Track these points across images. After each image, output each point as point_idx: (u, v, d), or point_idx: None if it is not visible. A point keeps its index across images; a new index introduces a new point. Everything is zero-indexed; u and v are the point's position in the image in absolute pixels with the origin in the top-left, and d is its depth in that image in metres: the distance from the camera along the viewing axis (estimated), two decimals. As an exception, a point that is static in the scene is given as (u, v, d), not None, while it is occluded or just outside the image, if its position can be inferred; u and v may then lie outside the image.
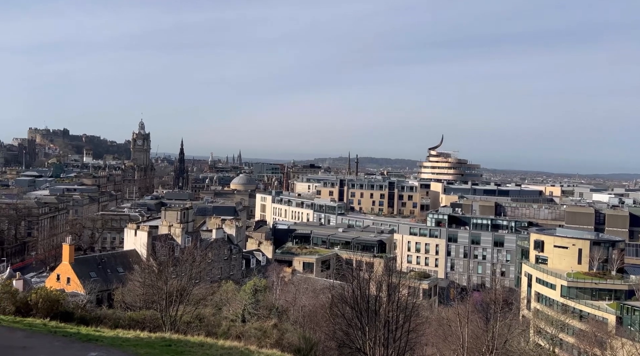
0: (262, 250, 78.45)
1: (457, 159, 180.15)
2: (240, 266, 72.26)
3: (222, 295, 47.39)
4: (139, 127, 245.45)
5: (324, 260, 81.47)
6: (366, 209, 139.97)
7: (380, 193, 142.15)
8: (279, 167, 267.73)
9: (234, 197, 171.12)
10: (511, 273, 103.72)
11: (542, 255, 76.68)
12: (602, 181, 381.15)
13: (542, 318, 64.68)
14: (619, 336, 52.37)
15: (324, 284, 59.88)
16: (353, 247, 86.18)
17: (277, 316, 43.08)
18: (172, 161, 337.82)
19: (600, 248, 71.63)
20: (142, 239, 60.21)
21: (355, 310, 24.15)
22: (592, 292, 67.13)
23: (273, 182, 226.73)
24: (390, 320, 24.18)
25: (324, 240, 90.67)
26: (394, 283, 26.93)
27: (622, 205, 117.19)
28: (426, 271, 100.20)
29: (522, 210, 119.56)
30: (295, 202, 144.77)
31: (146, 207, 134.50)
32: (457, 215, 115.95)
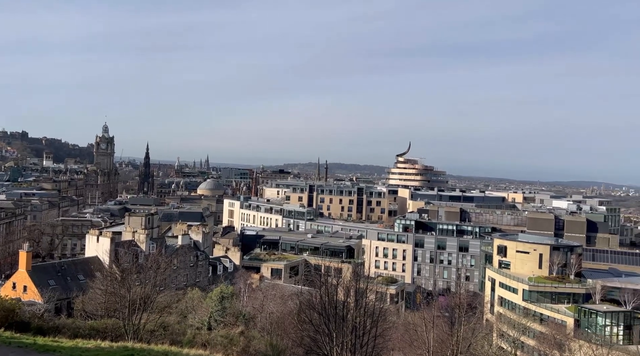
0: (230, 257, 77.46)
1: (424, 166, 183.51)
2: (207, 273, 71.10)
3: (188, 303, 46.48)
4: (102, 130, 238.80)
5: (293, 266, 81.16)
6: (335, 215, 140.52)
7: (349, 199, 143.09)
8: (248, 172, 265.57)
9: (201, 202, 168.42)
10: (475, 278, 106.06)
11: (505, 260, 78.79)
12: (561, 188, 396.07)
13: (504, 321, 66.42)
14: (577, 338, 54.36)
15: (293, 290, 59.64)
16: (322, 253, 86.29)
17: (244, 323, 42.61)
18: (137, 165, 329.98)
19: (559, 253, 74.20)
20: (105, 245, 58.45)
21: (323, 316, 24.15)
22: (552, 296, 69.37)
23: (241, 187, 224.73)
24: (357, 326, 24.29)
25: (293, 246, 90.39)
26: (361, 288, 27.08)
27: (580, 212, 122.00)
28: (394, 276, 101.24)
29: (486, 216, 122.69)
30: (264, 208, 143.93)
31: (109, 213, 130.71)
32: (424, 220, 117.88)
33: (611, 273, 78.43)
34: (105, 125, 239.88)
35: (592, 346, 47.43)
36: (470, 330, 29.44)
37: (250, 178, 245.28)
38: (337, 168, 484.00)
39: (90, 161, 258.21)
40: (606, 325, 59.76)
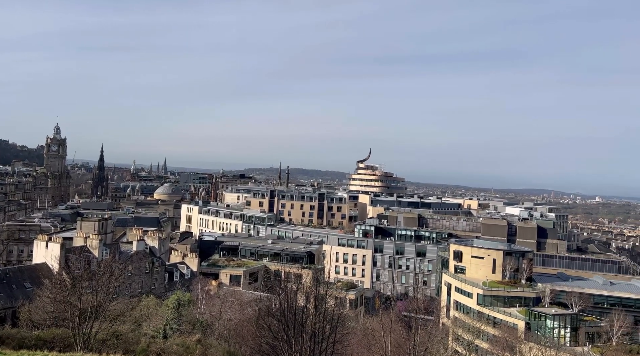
0: (187, 263, 75.69)
1: (383, 172, 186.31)
2: (163, 279, 69.19)
3: (143, 310, 45.11)
4: (54, 131, 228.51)
5: (252, 272, 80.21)
6: (296, 220, 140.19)
7: (310, 204, 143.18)
8: (207, 177, 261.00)
9: (157, 207, 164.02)
10: (433, 283, 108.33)
11: (461, 265, 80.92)
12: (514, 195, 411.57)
13: (460, 325, 68.11)
14: (527, 340, 56.45)
15: (252, 297, 58.97)
16: (282, 259, 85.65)
17: (201, 331, 41.74)
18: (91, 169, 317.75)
19: (512, 258, 76.95)
20: (54, 251, 55.82)
21: (282, 322, 23.97)
22: (504, 300, 71.76)
23: (200, 192, 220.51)
24: (316, 332, 24.25)
25: (253, 252, 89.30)
26: (321, 294, 27.09)
27: (531, 218, 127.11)
28: (353, 281, 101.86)
29: (443, 222, 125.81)
30: (224, 213, 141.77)
31: (60, 217, 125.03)
32: (383, 226, 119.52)
33: (559, 277, 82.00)
34: (57, 126, 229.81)
35: (541, 348, 49.37)
36: (426, 334, 30.05)
37: (210, 182, 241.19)
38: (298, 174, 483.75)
39: (40, 163, 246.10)
40: (554, 327, 62.38)
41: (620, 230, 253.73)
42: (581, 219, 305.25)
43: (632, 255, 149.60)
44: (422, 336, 28.97)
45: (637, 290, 75.40)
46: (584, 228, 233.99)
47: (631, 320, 63.54)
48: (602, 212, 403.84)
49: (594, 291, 73.56)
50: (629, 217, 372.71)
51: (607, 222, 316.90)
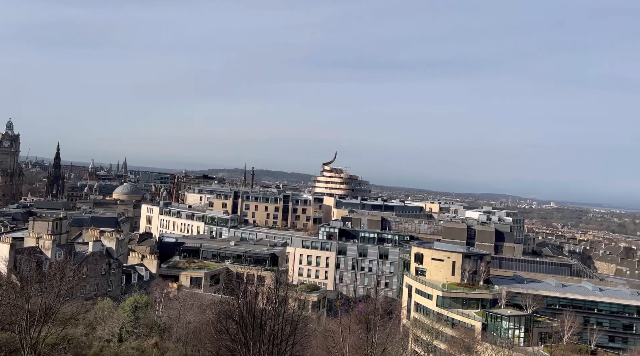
0: (146, 265, 73.82)
1: (348, 175, 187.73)
2: (120, 282, 67.16)
3: (97, 313, 43.67)
4: (6, 127, 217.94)
5: (214, 274, 79.07)
6: (260, 222, 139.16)
7: (275, 206, 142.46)
8: (169, 177, 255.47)
9: (116, 207, 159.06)
10: (394, 284, 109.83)
11: (422, 267, 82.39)
12: (474, 200, 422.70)
13: (419, 326, 69.26)
14: (484, 341, 58.00)
15: (212, 299, 58.04)
16: (245, 261, 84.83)
17: (158, 334, 40.79)
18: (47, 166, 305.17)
19: (470, 261, 78.96)
20: (3, 252, 53.15)
21: (240, 325, 23.66)
22: (462, 301, 73.52)
23: (162, 192, 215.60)
24: (275, 334, 24.07)
25: (215, 254, 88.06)
26: (281, 296, 26.92)
27: (490, 222, 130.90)
28: (316, 283, 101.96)
29: (405, 224, 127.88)
30: (186, 214, 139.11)
31: (11, 217, 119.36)
32: (347, 228, 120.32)
33: (515, 279, 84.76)
34: (10, 121, 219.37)
35: (496, 348, 50.84)
36: (385, 335, 30.36)
37: (172, 183, 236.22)
38: (263, 175, 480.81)
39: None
40: (509, 328, 64.37)
41: (573, 234, 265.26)
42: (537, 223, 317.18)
43: (583, 258, 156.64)
44: (381, 338, 29.27)
45: (587, 292, 78.88)
46: (539, 232, 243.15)
47: (581, 321, 66.33)
48: (556, 216, 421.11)
49: (547, 293, 76.44)
50: (580, 222, 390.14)
51: (561, 227, 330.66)
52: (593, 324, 70.64)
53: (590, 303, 75.88)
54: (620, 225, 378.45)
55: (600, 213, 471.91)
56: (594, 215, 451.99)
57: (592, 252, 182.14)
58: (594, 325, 70.32)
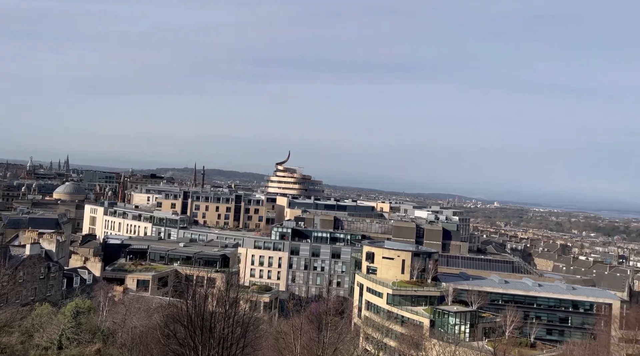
0: (89, 268, 70.57)
1: (302, 175, 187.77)
2: (61, 286, 63.76)
3: (35, 320, 41.22)
4: None
5: (162, 276, 76.76)
6: (211, 223, 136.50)
7: (226, 206, 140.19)
8: (115, 176, 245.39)
9: (57, 207, 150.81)
10: (346, 283, 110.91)
11: (373, 266, 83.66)
12: (423, 199, 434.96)
13: (370, 324, 70.27)
14: (432, 337, 59.64)
15: (160, 302, 56.30)
16: (194, 262, 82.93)
17: (102, 340, 39.22)
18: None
19: (419, 259, 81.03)
20: None
21: (189, 328, 22.99)
22: (412, 299, 75.33)
23: (107, 192, 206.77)
24: (226, 337, 23.56)
25: (163, 256, 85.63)
26: (231, 298, 26.41)
27: (437, 221, 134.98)
28: (269, 284, 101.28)
29: (357, 224, 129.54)
30: (132, 215, 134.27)
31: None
32: (300, 228, 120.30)
33: (461, 277, 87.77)
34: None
35: (443, 344, 52.40)
36: (337, 335, 30.50)
37: (118, 182, 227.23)
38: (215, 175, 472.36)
39: None
40: (456, 324, 66.59)
41: (514, 233, 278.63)
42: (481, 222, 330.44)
43: (524, 255, 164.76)
44: (333, 337, 29.36)
45: (527, 288, 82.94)
46: (483, 230, 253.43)
47: (521, 315, 69.65)
48: (499, 215, 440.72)
49: (491, 289, 79.71)
50: (521, 221, 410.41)
51: (504, 225, 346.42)
52: (533, 318, 74.31)
53: (530, 298, 79.85)
54: (558, 224, 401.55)
55: (540, 213, 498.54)
56: (534, 214, 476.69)
57: (532, 250, 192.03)
58: (534, 319, 74.01)
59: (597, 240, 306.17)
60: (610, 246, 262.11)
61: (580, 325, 77.05)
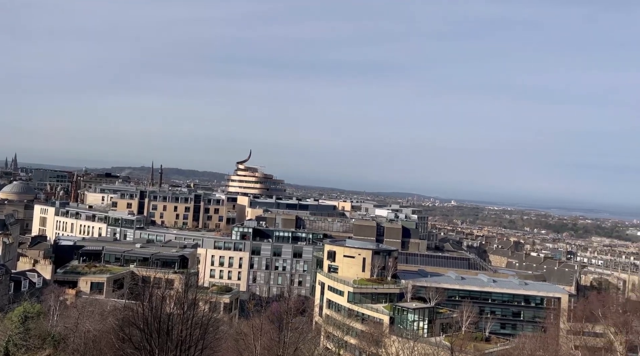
0: (39, 270, 67.50)
1: (263, 174, 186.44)
2: (8, 290, 60.62)
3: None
4: None
5: (117, 278, 74.44)
6: (169, 223, 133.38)
7: (185, 206, 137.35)
8: (67, 175, 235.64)
9: (4, 208, 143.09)
10: (308, 283, 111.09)
11: (334, 265, 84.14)
12: (383, 198, 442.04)
13: (331, 323, 70.64)
14: (391, 334, 60.59)
15: (115, 305, 54.53)
16: (152, 263, 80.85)
17: (52, 345, 37.89)
18: None
19: (379, 257, 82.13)
20: None
21: (144, 331, 22.30)
22: (372, 297, 76.23)
23: (58, 192, 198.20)
24: (183, 339, 23.02)
25: (119, 257, 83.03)
26: (190, 299, 25.84)
27: (397, 220, 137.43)
28: (229, 284, 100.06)
29: (319, 223, 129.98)
30: (86, 215, 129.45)
31: None
32: (261, 228, 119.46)
33: (420, 274, 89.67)
34: None
35: (402, 340, 53.35)
36: (297, 334, 30.44)
37: (70, 181, 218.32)
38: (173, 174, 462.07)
39: None
40: (414, 320, 67.87)
41: (470, 230, 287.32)
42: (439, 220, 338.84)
43: (479, 252, 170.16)
44: (293, 337, 29.27)
45: (483, 284, 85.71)
46: (441, 228, 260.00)
47: (477, 310, 71.88)
48: (456, 213, 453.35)
49: (448, 285, 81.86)
50: (477, 219, 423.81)
51: (460, 223, 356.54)
52: (488, 313, 76.78)
53: (485, 294, 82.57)
54: (511, 222, 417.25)
55: (494, 211, 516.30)
56: (489, 213, 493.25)
57: (487, 247, 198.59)
58: (489, 313, 76.46)
59: (548, 236, 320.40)
60: (560, 242, 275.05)
61: (531, 319, 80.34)
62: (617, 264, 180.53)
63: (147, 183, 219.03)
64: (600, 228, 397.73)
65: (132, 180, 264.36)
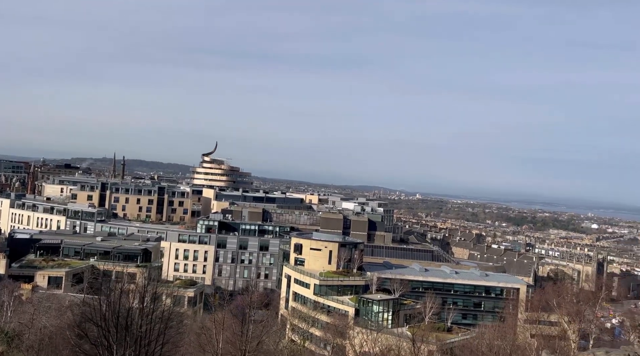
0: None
1: (229, 166, 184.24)
2: (-44, 286, 57.63)
3: None
4: None
5: (76, 272, 72.12)
6: (132, 216, 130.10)
7: (148, 198, 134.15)
8: (24, 166, 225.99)
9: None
10: (274, 276, 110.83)
11: (300, 257, 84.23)
12: (350, 191, 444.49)
13: (296, 315, 70.78)
14: (356, 325, 61.28)
15: (74, 300, 52.87)
16: (113, 257, 78.80)
17: (6, 342, 36.54)
18: None
19: (346, 250, 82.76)
20: None
21: (102, 327, 21.64)
22: (338, 289, 76.84)
23: (14, 183, 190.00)
24: (143, 334, 22.47)
25: (78, 251, 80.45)
26: (151, 293, 25.23)
27: (363, 213, 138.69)
28: (194, 278, 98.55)
29: (286, 216, 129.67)
30: (43, 207, 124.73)
31: None
32: (227, 221, 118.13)
33: (385, 266, 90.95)
34: None
35: (367, 331, 54.03)
36: (261, 327, 30.28)
37: (27, 172, 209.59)
38: (136, 166, 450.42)
39: None
40: (379, 311, 68.90)
41: (435, 223, 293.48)
42: (404, 213, 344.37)
43: (443, 244, 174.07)
44: (257, 330, 29.10)
45: (445, 275, 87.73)
46: (406, 221, 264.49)
47: (440, 301, 73.58)
48: (421, 207, 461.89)
49: (412, 277, 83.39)
50: (441, 212, 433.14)
51: (425, 216, 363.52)
52: (450, 304, 78.80)
53: (447, 285, 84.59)
54: (473, 215, 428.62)
55: (458, 204, 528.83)
56: (452, 206, 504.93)
57: (450, 239, 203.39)
58: (451, 304, 78.50)
59: (508, 229, 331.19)
60: (519, 235, 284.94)
61: (491, 309, 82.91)
62: (572, 255, 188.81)
63: (109, 175, 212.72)
64: (558, 221, 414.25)
65: (93, 171, 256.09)
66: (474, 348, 48.79)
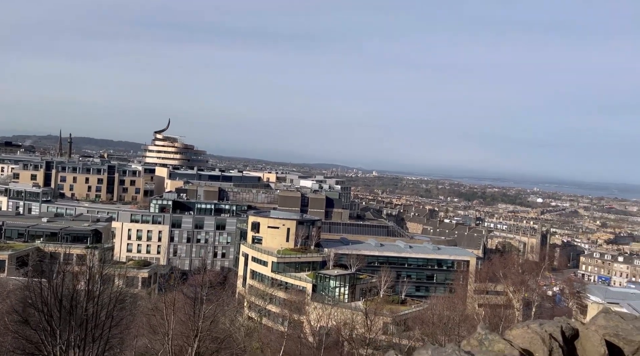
0: None
1: (183, 144, 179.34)
2: None
3: None
4: None
5: (20, 255, 68.81)
6: (80, 196, 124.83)
7: (98, 177, 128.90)
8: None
9: None
10: (231, 254, 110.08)
11: (258, 236, 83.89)
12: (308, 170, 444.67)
13: (254, 293, 70.82)
14: (314, 301, 62.02)
15: (18, 284, 50.28)
16: (61, 239, 75.59)
17: None
18: None
19: (303, 227, 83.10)
20: None
21: (43, 312, 20.61)
22: (296, 266, 77.31)
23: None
24: (89, 318, 21.61)
25: (22, 232, 76.92)
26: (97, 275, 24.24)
27: (321, 190, 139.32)
28: (148, 259, 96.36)
29: (243, 194, 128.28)
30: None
31: None
32: (182, 200, 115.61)
33: (342, 242, 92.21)
34: None
35: (323, 306, 54.81)
36: (215, 306, 29.96)
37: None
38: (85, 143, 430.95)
39: None
40: (336, 286, 70.02)
41: (390, 199, 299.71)
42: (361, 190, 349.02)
43: (398, 220, 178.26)
44: (211, 310, 28.76)
45: (400, 250, 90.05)
46: (363, 198, 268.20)
47: (394, 275, 75.52)
48: (377, 184, 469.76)
49: (368, 252, 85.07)
50: (397, 188, 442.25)
51: (381, 193, 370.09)
52: (404, 277, 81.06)
53: (402, 259, 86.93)
54: (427, 191, 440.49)
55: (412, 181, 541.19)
56: (407, 182, 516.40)
57: (405, 214, 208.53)
58: (405, 277, 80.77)
59: (460, 204, 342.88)
60: (470, 210, 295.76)
61: (443, 281, 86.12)
62: (519, 228, 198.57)
63: (54, 153, 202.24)
64: (506, 196, 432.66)
65: (37, 150, 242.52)
66: (425, 319, 50.54)
